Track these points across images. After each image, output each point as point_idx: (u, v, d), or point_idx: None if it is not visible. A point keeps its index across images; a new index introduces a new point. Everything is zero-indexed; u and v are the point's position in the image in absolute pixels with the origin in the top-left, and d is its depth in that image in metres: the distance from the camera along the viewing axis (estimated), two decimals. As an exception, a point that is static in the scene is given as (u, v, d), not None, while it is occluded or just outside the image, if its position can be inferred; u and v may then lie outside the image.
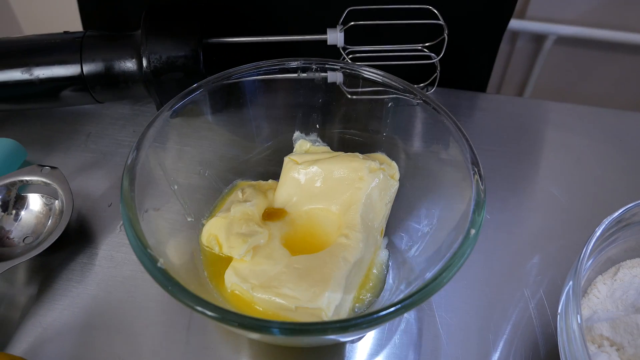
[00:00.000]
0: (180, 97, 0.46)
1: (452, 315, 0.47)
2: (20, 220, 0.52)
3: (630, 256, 0.45)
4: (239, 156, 0.52)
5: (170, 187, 0.46)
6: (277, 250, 0.44)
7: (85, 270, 0.50)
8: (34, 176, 0.51)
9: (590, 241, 0.39)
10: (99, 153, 0.61)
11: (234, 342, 0.46)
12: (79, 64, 0.56)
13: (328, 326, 0.32)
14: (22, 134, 0.61)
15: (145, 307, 0.48)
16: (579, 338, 0.34)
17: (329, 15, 0.59)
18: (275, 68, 0.49)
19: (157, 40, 0.54)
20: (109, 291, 0.49)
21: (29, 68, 0.55)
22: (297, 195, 0.48)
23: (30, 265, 0.50)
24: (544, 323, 0.47)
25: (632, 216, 0.41)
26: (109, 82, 0.57)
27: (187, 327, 0.46)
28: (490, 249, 0.52)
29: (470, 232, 0.36)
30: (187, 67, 0.55)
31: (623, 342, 0.37)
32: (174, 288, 0.34)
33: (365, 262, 0.45)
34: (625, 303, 0.41)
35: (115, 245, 0.52)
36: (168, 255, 0.39)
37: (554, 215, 0.55)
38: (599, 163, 0.60)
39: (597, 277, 0.44)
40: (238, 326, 0.32)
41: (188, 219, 0.47)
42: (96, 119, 0.64)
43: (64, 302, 0.48)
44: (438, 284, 0.34)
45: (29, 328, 0.46)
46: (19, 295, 0.49)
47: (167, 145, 0.46)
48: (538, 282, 0.49)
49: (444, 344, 0.46)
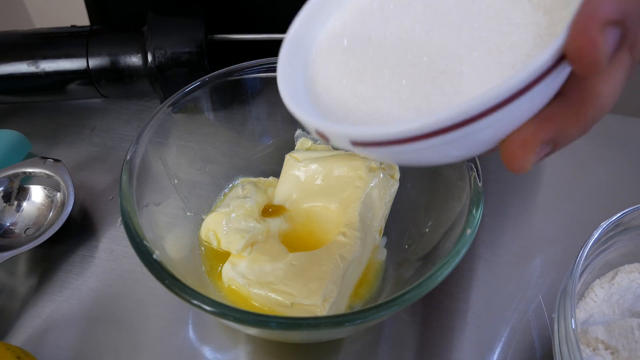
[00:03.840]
0: (182, 93, 0.46)
1: (450, 316, 0.47)
2: (22, 211, 0.52)
3: (629, 261, 0.44)
4: (240, 153, 0.52)
5: (170, 182, 0.46)
6: (275, 247, 0.44)
7: (85, 262, 0.50)
8: (37, 168, 0.52)
9: (586, 245, 0.39)
10: (103, 147, 0.61)
11: (232, 337, 0.46)
12: (84, 58, 0.56)
13: (322, 321, 0.32)
14: (27, 127, 0.61)
15: (144, 301, 0.48)
16: (573, 341, 0.34)
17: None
18: (278, 65, 0.49)
19: (162, 36, 0.55)
20: (108, 284, 0.49)
21: (35, 61, 0.56)
22: (297, 193, 0.48)
23: (31, 257, 0.51)
24: (541, 326, 0.47)
25: (630, 220, 0.41)
26: (114, 77, 0.57)
27: (186, 321, 0.47)
28: (490, 252, 0.52)
29: (467, 231, 0.36)
30: (192, 63, 0.55)
31: (618, 345, 0.37)
32: (170, 281, 0.34)
33: (363, 261, 0.45)
34: (621, 307, 0.41)
35: (115, 239, 0.52)
36: (166, 249, 0.39)
37: (555, 218, 0.55)
38: (603, 168, 0.60)
39: (594, 281, 0.44)
40: (233, 320, 0.32)
41: (188, 214, 0.47)
42: (101, 114, 0.64)
43: (63, 293, 0.48)
44: (432, 281, 0.34)
45: (28, 319, 0.47)
46: (19, 285, 0.49)
47: (168, 141, 0.46)
48: (538, 285, 0.49)
49: (441, 344, 0.46)
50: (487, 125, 0.22)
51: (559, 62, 0.21)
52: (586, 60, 0.21)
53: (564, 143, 0.25)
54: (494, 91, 0.21)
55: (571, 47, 0.21)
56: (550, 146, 0.24)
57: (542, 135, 0.24)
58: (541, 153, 0.24)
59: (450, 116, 0.21)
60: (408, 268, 0.43)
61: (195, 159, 0.50)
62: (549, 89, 0.22)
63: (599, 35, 0.20)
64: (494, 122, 0.22)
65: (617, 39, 0.21)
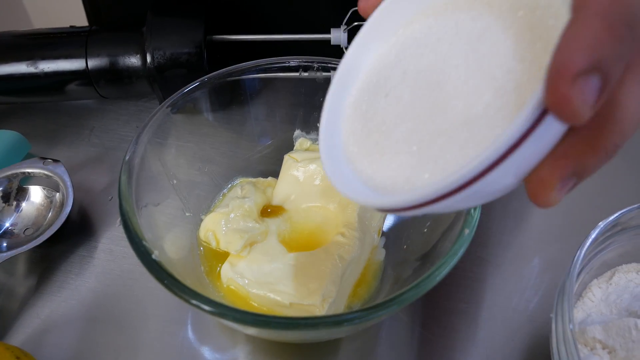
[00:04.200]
0: (181, 94, 0.46)
1: (448, 316, 0.47)
2: (21, 211, 0.52)
3: (626, 260, 0.45)
4: (239, 153, 0.53)
5: (169, 182, 0.46)
6: (273, 247, 0.44)
7: (84, 263, 0.51)
8: (36, 168, 0.52)
9: (584, 245, 0.39)
10: (102, 147, 0.61)
11: (231, 337, 0.46)
12: (84, 59, 0.56)
13: (320, 321, 0.33)
14: (27, 127, 0.61)
15: (143, 301, 0.48)
16: (571, 341, 0.34)
17: (333, 15, 0.59)
18: (277, 66, 0.49)
19: (161, 37, 0.55)
20: (107, 284, 0.49)
21: (35, 61, 0.56)
22: (296, 193, 0.48)
23: (30, 257, 0.51)
24: (540, 326, 0.47)
25: (628, 220, 0.41)
26: (113, 77, 0.57)
27: (185, 321, 0.47)
28: (489, 252, 0.52)
29: (465, 231, 0.36)
30: (191, 64, 0.55)
31: (615, 345, 0.37)
32: (169, 281, 0.34)
33: (362, 261, 0.45)
34: (619, 307, 0.41)
35: (114, 239, 0.52)
36: (165, 249, 0.40)
37: (553, 219, 0.55)
38: (600, 168, 0.60)
39: (592, 281, 0.44)
40: (232, 320, 0.33)
41: (187, 214, 0.47)
42: (100, 114, 0.64)
43: (62, 293, 0.48)
44: (430, 281, 0.34)
45: (27, 319, 0.47)
46: (18, 286, 0.49)
47: (167, 141, 0.46)
48: (537, 285, 0.49)
49: (439, 344, 0.46)
50: (492, 180, 0.22)
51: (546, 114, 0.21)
52: (566, 115, 0.20)
53: (587, 174, 0.23)
54: (482, 155, 0.21)
55: (548, 103, 0.20)
56: (573, 180, 0.23)
57: (558, 173, 0.23)
58: (564, 188, 0.23)
59: (446, 185, 0.22)
60: (406, 268, 0.43)
61: (194, 159, 0.50)
62: (547, 133, 0.22)
63: (571, 90, 0.19)
64: (498, 177, 0.22)
65: (597, 85, 0.20)
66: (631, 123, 0.22)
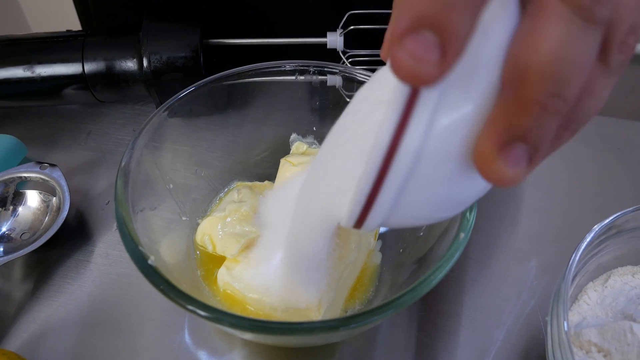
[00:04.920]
0: (177, 97, 0.46)
1: (444, 319, 0.47)
2: (17, 216, 0.52)
3: (622, 263, 0.45)
4: (236, 157, 0.53)
5: (166, 187, 0.46)
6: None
7: (81, 267, 0.51)
8: (33, 173, 0.52)
9: (579, 248, 0.39)
10: (99, 152, 0.61)
11: (228, 341, 0.46)
12: (80, 63, 0.56)
13: (317, 326, 0.33)
14: (23, 131, 0.61)
15: (140, 305, 0.48)
16: (566, 344, 0.34)
17: (329, 18, 0.59)
18: (273, 70, 0.49)
19: (157, 41, 0.55)
20: (104, 288, 0.49)
21: (31, 66, 0.56)
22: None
23: (27, 261, 0.51)
24: (536, 329, 0.47)
25: (623, 223, 0.41)
26: (109, 82, 0.57)
27: (182, 325, 0.47)
28: (485, 255, 0.52)
29: (460, 235, 0.36)
30: (187, 68, 0.55)
31: (610, 348, 0.37)
32: (165, 287, 0.34)
33: (358, 265, 0.45)
34: (614, 310, 0.42)
35: (111, 243, 0.52)
36: (161, 253, 0.40)
37: (549, 221, 0.55)
38: (596, 170, 0.60)
39: (588, 284, 0.44)
40: (228, 325, 0.33)
41: (183, 219, 0.47)
42: (97, 118, 0.65)
43: (59, 298, 0.48)
44: (426, 285, 0.34)
45: (23, 323, 0.47)
46: (14, 290, 0.49)
47: (164, 145, 0.46)
48: (533, 288, 0.49)
49: (436, 347, 0.46)
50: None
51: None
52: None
53: (535, 136, 0.21)
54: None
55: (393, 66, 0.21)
56: (521, 147, 0.22)
57: (493, 140, 0.22)
58: (509, 158, 0.22)
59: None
60: (403, 271, 0.43)
61: (190, 163, 0.50)
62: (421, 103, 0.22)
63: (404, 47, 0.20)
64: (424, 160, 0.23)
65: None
66: (556, 62, 0.20)
